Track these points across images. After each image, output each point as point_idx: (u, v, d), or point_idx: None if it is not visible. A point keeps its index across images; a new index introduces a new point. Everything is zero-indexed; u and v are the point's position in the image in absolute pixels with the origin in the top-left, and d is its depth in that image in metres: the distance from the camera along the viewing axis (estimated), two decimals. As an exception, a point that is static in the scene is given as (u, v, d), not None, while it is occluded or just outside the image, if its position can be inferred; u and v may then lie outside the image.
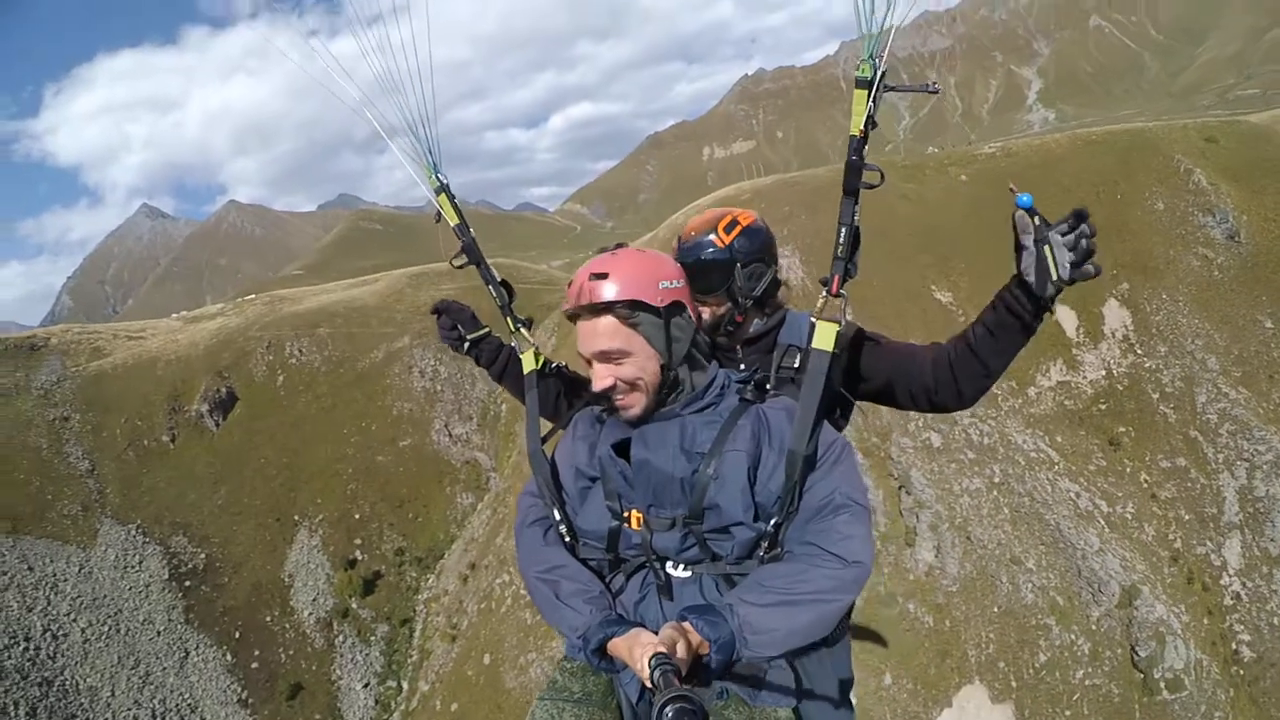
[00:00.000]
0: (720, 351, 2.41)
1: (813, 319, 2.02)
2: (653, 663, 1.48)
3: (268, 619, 28.63)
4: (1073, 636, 19.67)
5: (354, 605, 28.70)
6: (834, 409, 2.34)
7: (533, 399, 2.43)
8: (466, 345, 2.73)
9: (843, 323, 1.99)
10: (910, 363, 2.20)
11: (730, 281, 2.39)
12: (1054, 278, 1.70)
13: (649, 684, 1.48)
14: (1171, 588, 20.78)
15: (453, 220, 2.66)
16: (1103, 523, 21.26)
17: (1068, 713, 19.21)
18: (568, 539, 2.04)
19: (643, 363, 1.90)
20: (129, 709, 27.09)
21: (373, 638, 28.45)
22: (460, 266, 2.71)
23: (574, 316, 1.90)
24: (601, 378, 1.88)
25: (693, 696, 1.35)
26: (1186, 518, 22.03)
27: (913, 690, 19.41)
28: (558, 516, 2.05)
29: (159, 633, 28.66)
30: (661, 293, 1.88)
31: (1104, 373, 24.67)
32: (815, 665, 2.11)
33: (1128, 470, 22.73)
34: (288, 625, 28.57)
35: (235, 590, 29.25)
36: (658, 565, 1.90)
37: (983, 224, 28.34)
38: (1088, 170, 32.58)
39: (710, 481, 1.83)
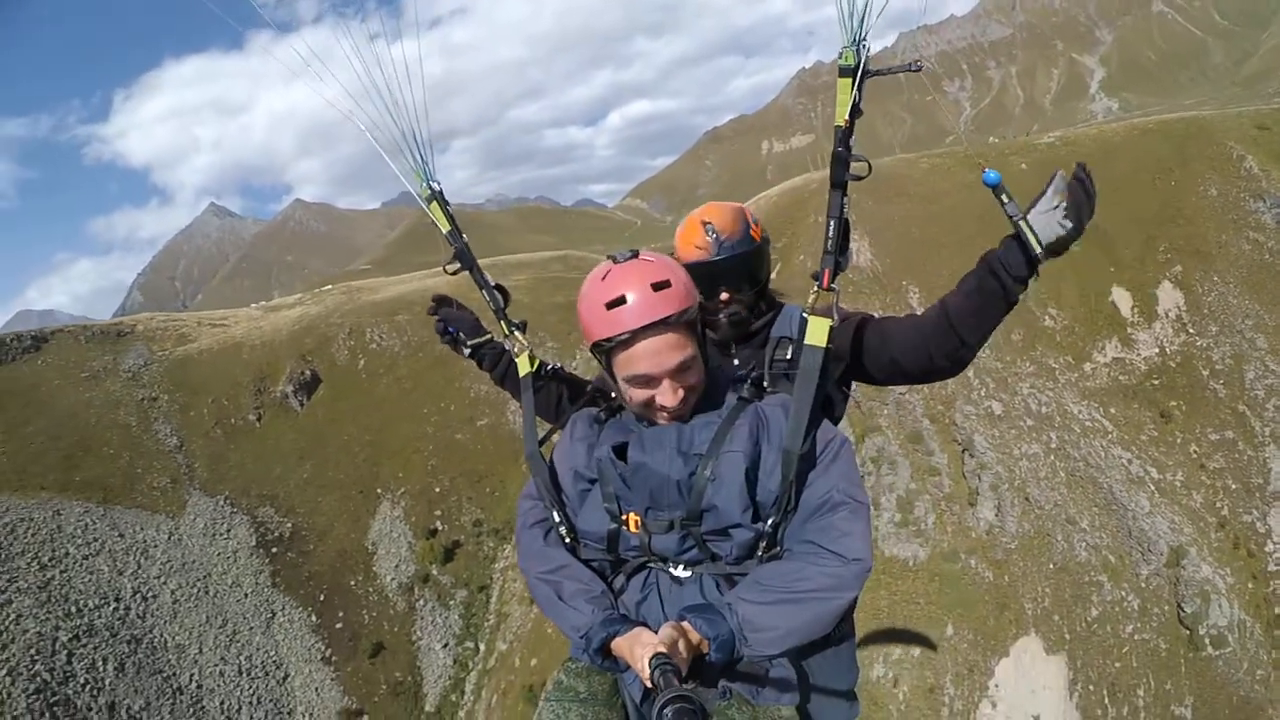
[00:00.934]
0: (716, 347, 2.57)
1: (805, 314, 2.09)
2: (653, 663, 1.58)
3: (351, 583, 31.91)
4: (1123, 593, 22.15)
5: (434, 572, 31.88)
6: (828, 402, 2.45)
7: (528, 401, 2.52)
8: (468, 351, 2.90)
9: (835, 317, 2.05)
10: (890, 338, 2.35)
11: (763, 269, 2.58)
12: (1036, 253, 1.85)
13: (649, 684, 1.59)
14: (1217, 551, 23.16)
15: (444, 227, 2.77)
16: (1153, 488, 23.74)
17: (1117, 665, 21.66)
18: (568, 540, 2.11)
19: (700, 368, 1.95)
20: (216, 665, 30.12)
21: (452, 602, 31.60)
22: (454, 273, 2.84)
23: (627, 342, 1.84)
24: (674, 393, 1.89)
25: (692, 696, 1.44)
26: (1233, 487, 24.37)
27: (973, 640, 22.06)
28: (557, 518, 2.12)
29: (246, 595, 31.93)
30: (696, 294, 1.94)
31: (1157, 350, 27.09)
32: (820, 662, 2.27)
33: (1178, 441, 25.16)
34: (371, 589, 31.81)
35: (320, 557, 32.57)
36: (658, 566, 1.98)
37: None
38: (1144, 158, 34.81)
39: (708, 483, 1.88)
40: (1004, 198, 1.83)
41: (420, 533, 32.97)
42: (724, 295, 2.50)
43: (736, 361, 2.56)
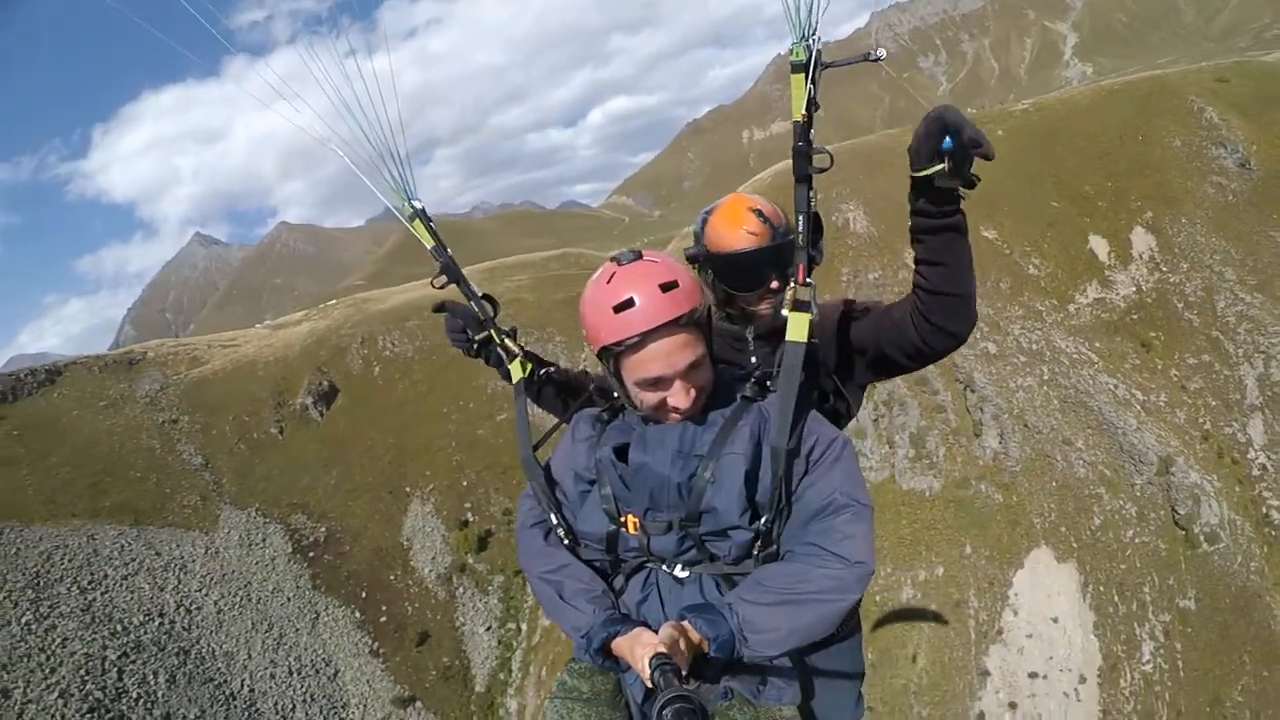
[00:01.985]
0: (732, 342, 2.77)
1: (784, 311, 2.21)
2: (653, 663, 1.67)
3: (391, 578, 35.03)
4: (1120, 502, 26.04)
5: (470, 560, 35.11)
6: (826, 399, 2.65)
7: (522, 406, 2.73)
8: (475, 347, 3.05)
9: (814, 311, 2.18)
10: (890, 322, 2.48)
11: (784, 270, 2.66)
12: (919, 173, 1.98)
13: (650, 684, 1.69)
14: (1203, 460, 27.13)
15: (428, 243, 2.96)
16: (1139, 408, 27.76)
17: (1123, 566, 25.51)
18: (567, 541, 2.26)
19: (709, 366, 2.11)
20: (265, 668, 32.85)
21: (490, 587, 34.82)
22: (441, 287, 3.05)
23: (636, 345, 1.96)
24: (686, 394, 2.02)
25: (692, 696, 1.52)
26: (1213, 404, 28.43)
27: (990, 556, 25.85)
28: (555, 520, 2.27)
29: (289, 599, 34.83)
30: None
31: (1134, 289, 31.24)
32: (823, 663, 2.47)
33: (1159, 367, 29.24)
34: (410, 582, 34.95)
35: (357, 557, 35.66)
36: (657, 566, 2.13)
37: (1019, 171, 35.21)
38: (1111, 117, 39.21)
39: (707, 485, 2.01)
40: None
41: (452, 525, 36.18)
42: (774, 283, 2.63)
43: (754, 359, 2.70)
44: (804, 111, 2.06)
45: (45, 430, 38.63)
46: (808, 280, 2.22)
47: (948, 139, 1.89)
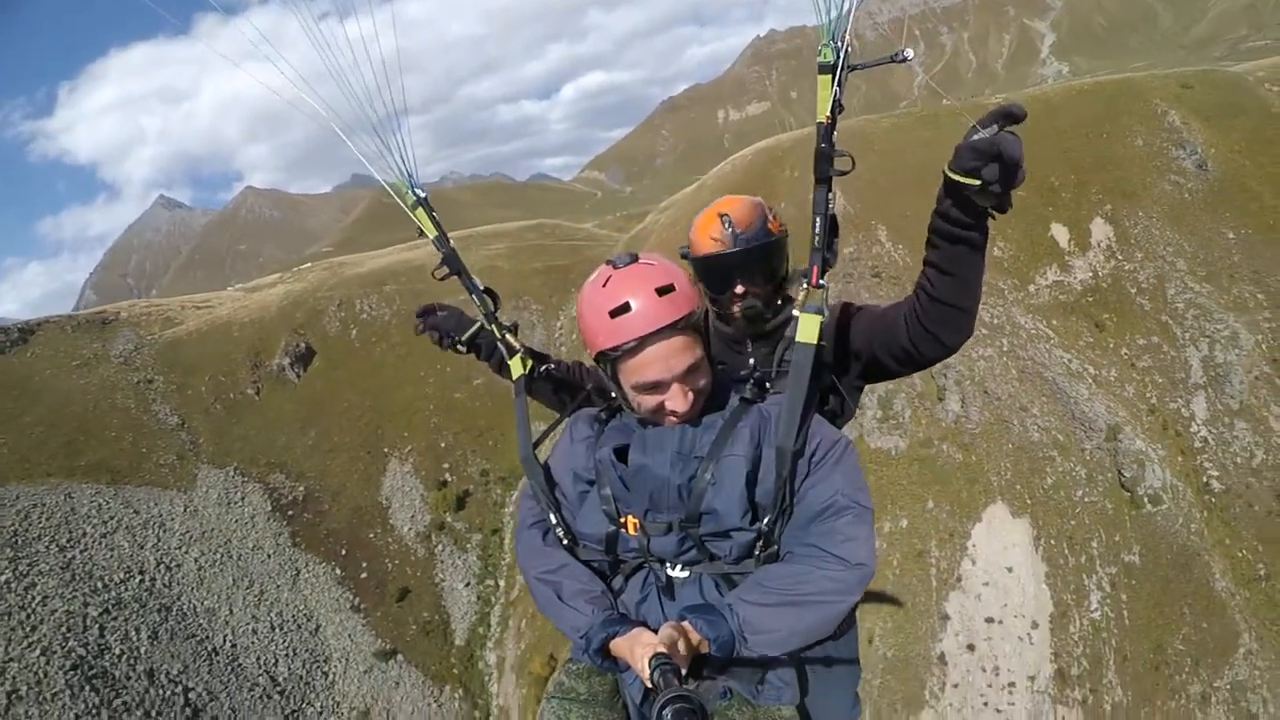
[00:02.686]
0: (730, 344, 2.97)
1: (795, 312, 2.35)
2: (653, 663, 1.76)
3: (370, 536, 37.36)
4: (1071, 464, 29.46)
5: (448, 519, 37.59)
6: (826, 400, 2.80)
7: (521, 404, 2.89)
8: (463, 349, 3.31)
9: (825, 314, 2.30)
10: (885, 325, 2.63)
11: (784, 264, 2.95)
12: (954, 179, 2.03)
13: (649, 684, 1.77)
14: (1149, 431, 30.72)
15: (431, 233, 3.14)
16: (1090, 381, 31.30)
17: (1073, 523, 28.91)
18: (566, 542, 2.38)
19: (707, 369, 2.21)
20: (247, 624, 34.89)
21: (469, 545, 37.32)
22: (442, 278, 3.23)
23: (634, 350, 2.06)
24: (684, 397, 2.13)
25: (692, 696, 1.59)
26: (1160, 380, 32.08)
27: (950, 510, 29.13)
28: (554, 520, 2.39)
29: (269, 556, 36.95)
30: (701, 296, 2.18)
31: (1091, 274, 34.85)
32: (820, 663, 2.56)
33: (1110, 345, 32.86)
34: (390, 540, 37.31)
35: (336, 515, 37.92)
36: (657, 566, 2.23)
37: None
38: (1079, 115, 43.03)
39: (707, 486, 2.11)
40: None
41: (431, 485, 38.64)
42: (738, 288, 2.84)
43: (752, 360, 2.90)
44: (828, 113, 2.15)
45: (18, 389, 40.10)
46: (821, 283, 2.32)
47: (996, 168, 1.90)
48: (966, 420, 30.52)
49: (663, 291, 2.06)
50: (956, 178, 2.02)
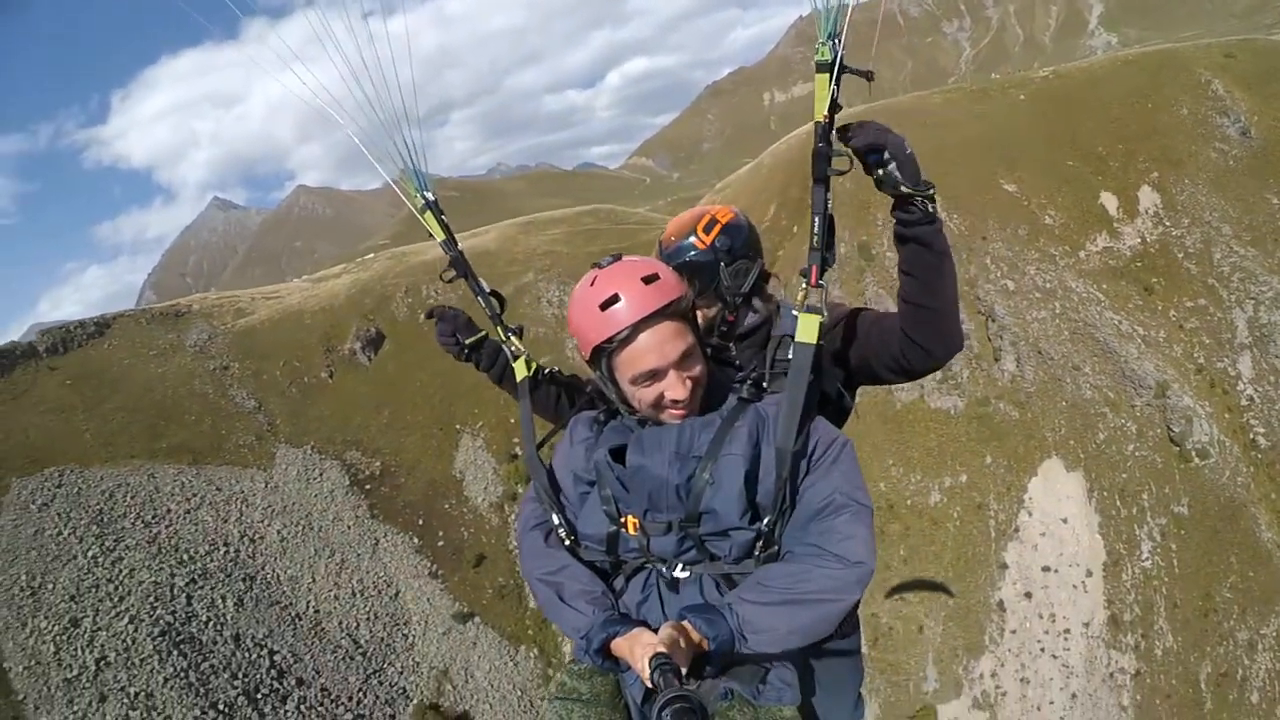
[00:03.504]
0: (715, 350, 2.94)
1: (795, 312, 2.50)
2: (653, 663, 1.85)
3: (446, 506, 41.12)
4: (1122, 420, 32.69)
5: (520, 490, 41.18)
6: (825, 400, 2.90)
7: (525, 406, 3.07)
8: (466, 352, 3.48)
9: (825, 314, 2.42)
10: (879, 330, 2.81)
11: (717, 282, 3.01)
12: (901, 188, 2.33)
13: (649, 684, 1.86)
14: (1197, 389, 33.85)
15: (439, 236, 3.35)
16: (1140, 341, 34.45)
17: (1124, 476, 32.14)
18: (568, 542, 2.52)
19: (701, 358, 2.36)
20: (329, 590, 38.55)
21: (541, 514, 40.93)
22: (449, 280, 3.41)
23: (627, 339, 2.23)
24: (682, 384, 2.29)
25: (692, 696, 1.68)
26: (1207, 341, 35.17)
27: (1007, 465, 32.51)
28: (557, 520, 2.53)
29: (349, 527, 40.70)
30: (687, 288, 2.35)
31: (1139, 240, 37.94)
32: (823, 663, 2.69)
33: (1159, 308, 35.97)
34: (465, 510, 41.06)
35: (412, 488, 41.71)
36: (657, 566, 2.36)
37: (1038, 132, 42.11)
38: (1125, 86, 46.03)
39: (706, 486, 2.24)
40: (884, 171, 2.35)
41: (503, 459, 42.39)
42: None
43: (739, 363, 3.02)
44: (826, 113, 2.29)
45: (98, 379, 43.94)
46: (820, 283, 2.45)
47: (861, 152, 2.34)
48: (1022, 379, 33.79)
49: (649, 280, 2.25)
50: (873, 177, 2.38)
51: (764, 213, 40.20)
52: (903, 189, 2.33)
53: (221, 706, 31.37)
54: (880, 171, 2.32)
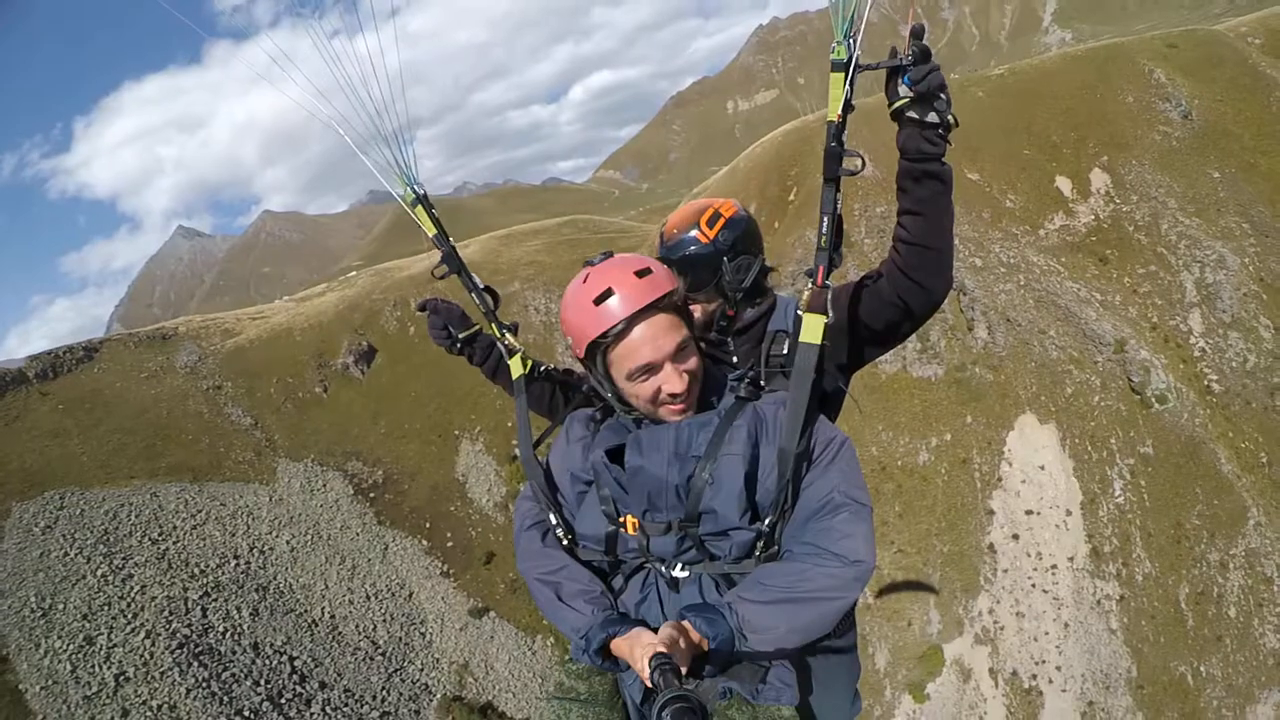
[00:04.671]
0: (712, 345, 3.28)
1: (799, 311, 2.66)
2: (653, 662, 1.99)
3: (451, 509, 45.99)
4: (1087, 375, 39.07)
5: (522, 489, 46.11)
6: (826, 398, 3.16)
7: (522, 404, 3.30)
8: (459, 345, 3.74)
9: (830, 315, 2.59)
10: (866, 290, 3.05)
11: (719, 276, 3.25)
12: (897, 104, 2.58)
13: (649, 683, 2.00)
14: (1152, 344, 40.44)
15: (430, 230, 3.52)
16: (1098, 304, 41.08)
17: (1092, 424, 38.45)
18: (565, 542, 2.73)
19: (697, 352, 2.56)
20: (343, 595, 42.84)
21: (547, 511, 45.88)
22: (441, 276, 3.66)
23: (622, 333, 2.44)
24: (679, 378, 2.49)
25: (691, 695, 1.80)
26: (1159, 302, 41.90)
27: (986, 422, 38.69)
28: (554, 521, 2.74)
29: (357, 534, 45.24)
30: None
31: (1093, 217, 44.86)
32: (821, 662, 2.95)
33: (1114, 276, 42.77)
34: (470, 511, 45.93)
35: (416, 494, 46.50)
36: (656, 566, 2.57)
37: (996, 125, 49.28)
38: (1075, 79, 53.52)
39: (705, 486, 2.43)
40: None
41: (503, 460, 47.49)
42: (692, 295, 3.14)
43: (735, 359, 3.29)
44: (840, 112, 2.46)
45: (90, 402, 48.03)
46: (826, 283, 2.63)
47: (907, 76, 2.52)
48: (994, 345, 40.14)
49: (641, 274, 2.47)
50: (896, 105, 2.61)
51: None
52: (952, 125, 2.63)
53: (247, 713, 34.05)
54: (936, 111, 2.60)
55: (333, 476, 46.90)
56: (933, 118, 2.58)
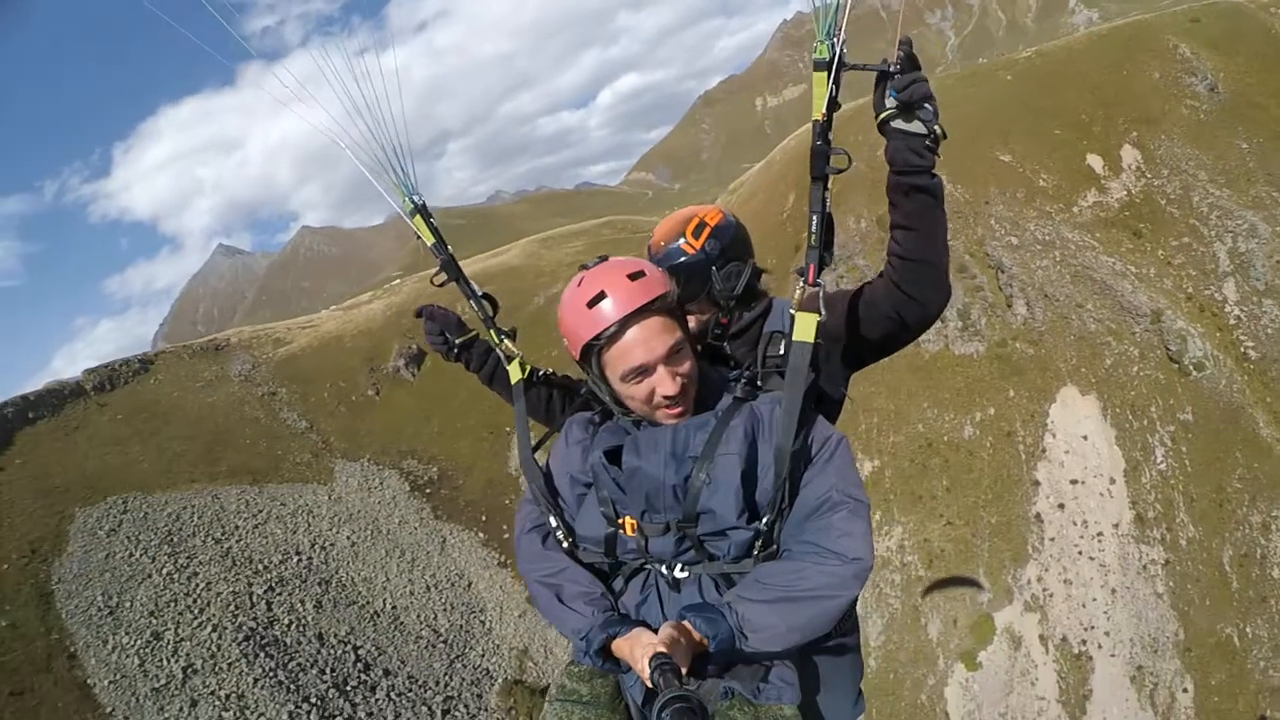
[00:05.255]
0: (709, 348, 3.43)
1: (792, 310, 2.76)
2: (653, 662, 2.05)
3: (507, 502, 48.62)
4: (1125, 346, 41.25)
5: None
6: (824, 397, 3.25)
7: (520, 409, 3.48)
8: (455, 352, 3.96)
9: (823, 312, 2.68)
10: (862, 301, 3.13)
11: (709, 285, 3.38)
12: (883, 115, 2.67)
13: (649, 684, 2.07)
14: (1188, 314, 42.57)
15: (429, 239, 3.74)
16: (1134, 277, 43.24)
17: (1132, 393, 40.67)
18: (566, 544, 2.85)
19: (691, 355, 2.70)
20: (404, 587, 45.50)
21: (600, 500, 48.43)
22: (441, 284, 3.81)
23: (615, 335, 2.60)
24: (673, 380, 2.63)
25: (692, 696, 1.86)
26: (1193, 273, 44.00)
27: (1029, 395, 41.01)
28: (554, 523, 2.87)
29: (415, 528, 47.99)
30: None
31: (1125, 193, 47.01)
32: (823, 660, 3.04)
33: (1148, 249, 44.91)
34: (526, 503, 48.32)
35: (471, 489, 49.19)
36: (656, 567, 2.68)
37: (1026, 107, 51.68)
38: (1102, 58, 55.74)
39: (703, 487, 2.54)
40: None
41: (555, 453, 49.83)
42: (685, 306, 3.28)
43: (732, 363, 3.40)
44: (824, 111, 2.56)
45: (148, 412, 51.14)
46: (817, 282, 2.72)
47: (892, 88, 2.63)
48: (1033, 320, 42.44)
49: (634, 276, 2.62)
50: (881, 116, 2.69)
51: (784, 203, 48.86)
52: (940, 138, 2.69)
53: (314, 700, 35.80)
54: (922, 122, 2.67)
55: (389, 474, 49.66)
56: (919, 128, 2.68)
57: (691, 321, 3.23)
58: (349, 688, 37.57)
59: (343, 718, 36.06)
